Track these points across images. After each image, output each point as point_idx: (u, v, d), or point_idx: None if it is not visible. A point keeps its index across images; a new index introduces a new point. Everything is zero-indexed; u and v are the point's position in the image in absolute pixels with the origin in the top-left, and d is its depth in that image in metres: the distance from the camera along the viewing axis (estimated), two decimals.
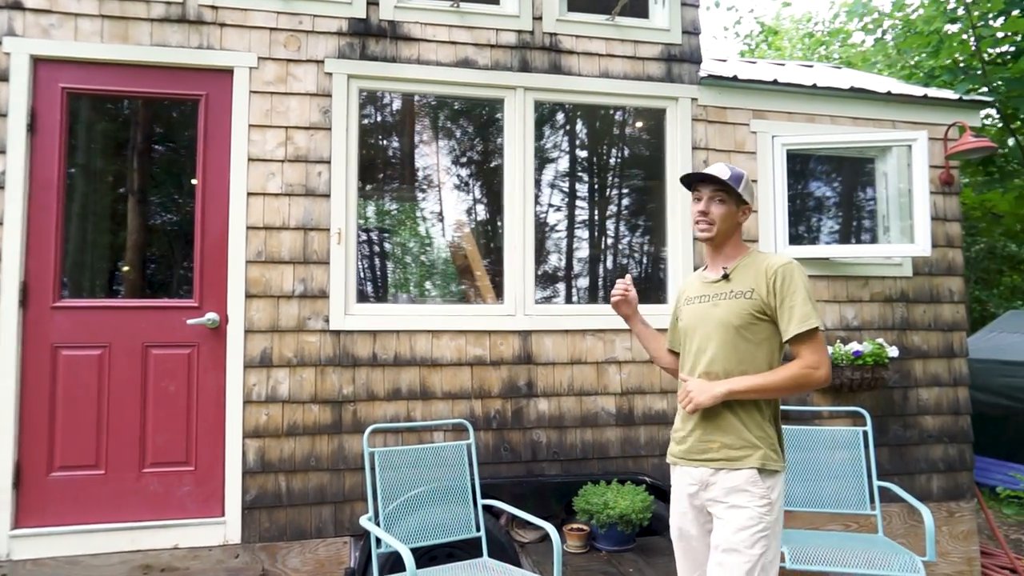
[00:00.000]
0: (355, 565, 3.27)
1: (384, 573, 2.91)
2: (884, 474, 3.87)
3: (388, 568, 2.96)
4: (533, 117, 3.83)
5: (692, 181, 2.15)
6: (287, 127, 3.49)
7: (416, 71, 3.66)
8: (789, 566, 2.91)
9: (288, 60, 3.51)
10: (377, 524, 2.88)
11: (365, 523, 2.84)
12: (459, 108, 3.98)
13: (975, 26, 5.76)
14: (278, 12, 3.51)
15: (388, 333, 3.53)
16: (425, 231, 3.97)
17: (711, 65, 4.38)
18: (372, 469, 2.99)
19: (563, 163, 4.11)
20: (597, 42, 3.92)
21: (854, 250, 4.17)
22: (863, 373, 3.82)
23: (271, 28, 3.50)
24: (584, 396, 3.74)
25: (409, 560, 2.44)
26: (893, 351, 3.91)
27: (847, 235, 4.60)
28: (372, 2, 3.64)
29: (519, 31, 3.82)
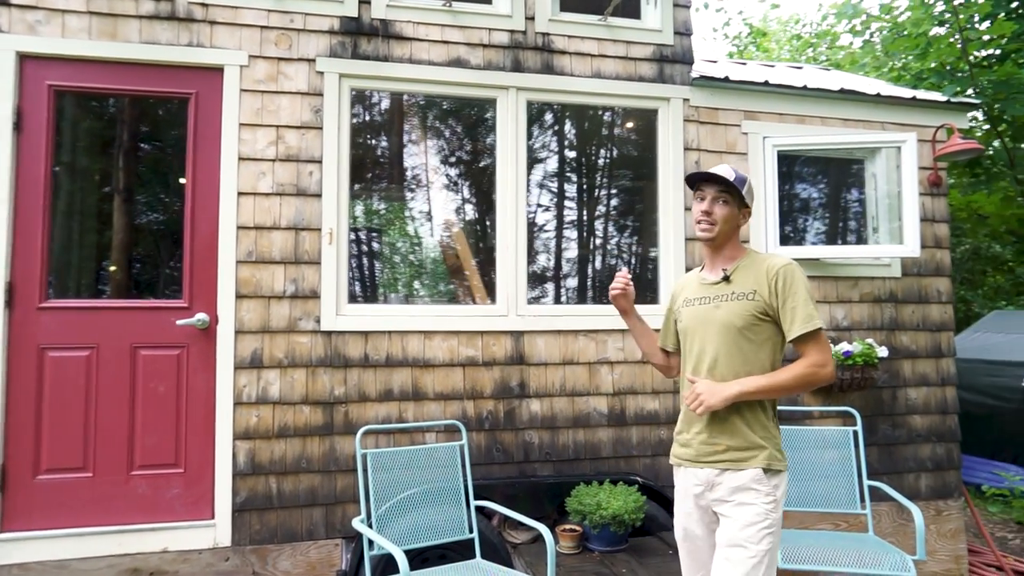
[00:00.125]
0: (346, 567, 3.26)
1: (376, 575, 2.90)
2: (873, 473, 3.89)
3: (380, 570, 2.94)
4: (526, 117, 3.82)
5: (696, 180, 2.15)
6: (278, 126, 3.46)
7: (408, 70, 3.64)
8: (781, 565, 2.91)
9: (279, 58, 3.48)
10: (369, 526, 2.86)
11: (358, 525, 2.83)
12: (451, 108, 3.97)
13: (962, 29, 5.82)
14: (269, 10, 3.48)
15: (380, 334, 3.51)
16: (416, 231, 3.95)
17: (702, 66, 4.40)
18: (364, 471, 2.97)
19: (555, 163, 4.11)
20: (589, 42, 3.92)
21: (844, 251, 4.20)
22: (853, 373, 3.85)
23: (262, 26, 3.47)
24: (576, 396, 3.73)
25: (403, 563, 2.42)
26: (883, 351, 3.94)
27: (837, 236, 4.64)
28: (364, 1, 3.61)
29: (511, 31, 3.81)
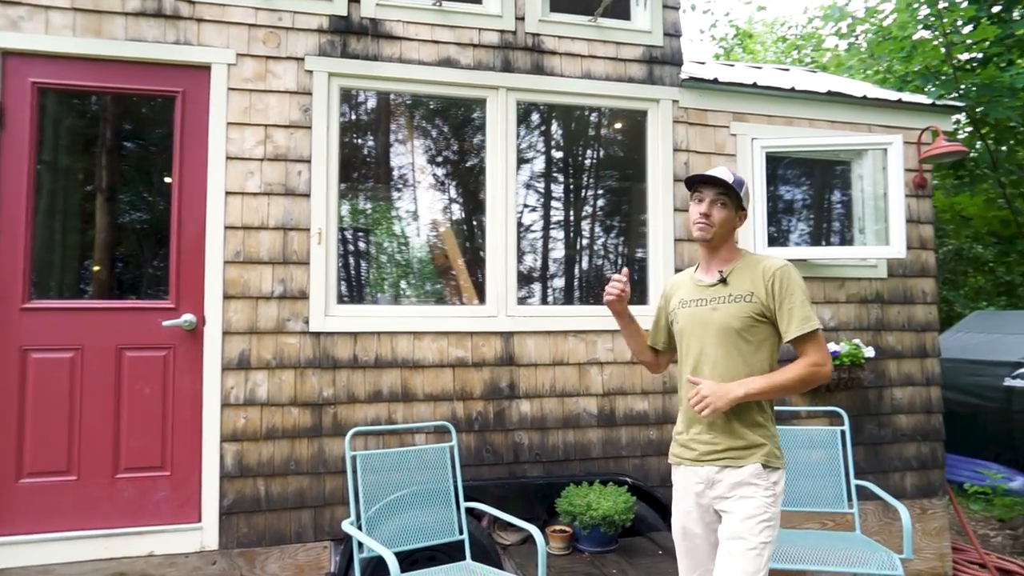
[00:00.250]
0: (335, 570, 3.23)
1: None
2: (860, 472, 3.92)
3: (370, 572, 2.93)
4: (516, 117, 3.82)
5: (695, 182, 2.16)
6: (266, 125, 3.43)
7: (398, 70, 3.63)
8: (770, 565, 2.93)
9: (267, 57, 3.45)
10: (359, 528, 2.84)
11: (347, 528, 2.81)
12: (440, 108, 3.95)
13: (946, 33, 5.89)
14: (257, 8, 3.45)
15: (369, 335, 3.49)
16: (406, 231, 3.93)
17: (691, 67, 4.41)
18: (354, 472, 2.95)
19: (545, 164, 4.10)
20: (579, 43, 3.92)
21: (831, 252, 4.23)
22: (840, 373, 3.88)
23: (250, 24, 3.44)
24: (566, 397, 3.74)
25: (394, 565, 2.41)
26: (869, 351, 3.98)
27: (824, 237, 4.67)
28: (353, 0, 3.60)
29: (502, 31, 3.80)
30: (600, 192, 4.34)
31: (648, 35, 4.03)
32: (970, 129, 6.70)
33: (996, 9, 6.58)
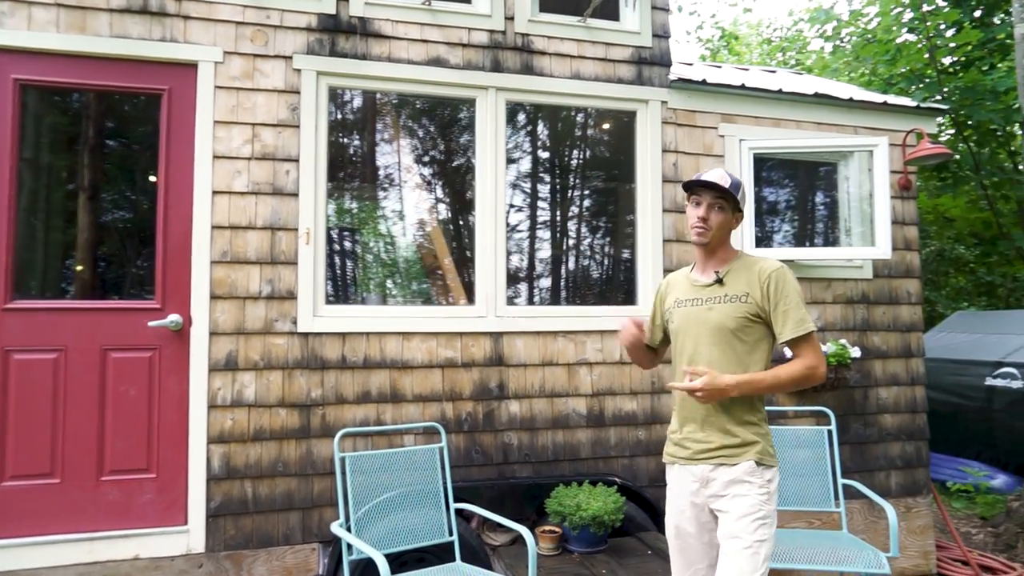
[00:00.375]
0: (324, 572, 3.21)
1: None
2: (846, 472, 3.95)
3: (359, 574, 2.91)
4: (505, 118, 3.81)
5: (693, 186, 2.17)
6: (254, 124, 3.40)
7: (387, 69, 3.61)
8: None
9: (255, 55, 3.42)
10: (348, 530, 2.82)
11: (336, 529, 2.79)
12: (429, 107, 3.94)
13: (930, 36, 5.97)
14: (244, 5, 3.42)
15: (358, 335, 3.47)
16: (395, 231, 3.92)
17: (680, 69, 4.43)
18: (343, 474, 2.93)
19: (534, 164, 4.10)
20: (569, 43, 3.92)
21: (818, 253, 4.27)
22: (827, 373, 3.90)
23: (237, 22, 3.40)
24: (555, 398, 3.73)
25: (384, 567, 2.40)
26: (855, 352, 4.01)
27: (810, 238, 4.71)
28: None
29: (491, 31, 3.79)
30: (588, 192, 4.34)
31: (637, 36, 4.04)
32: (953, 131, 6.78)
33: (978, 14, 6.68)
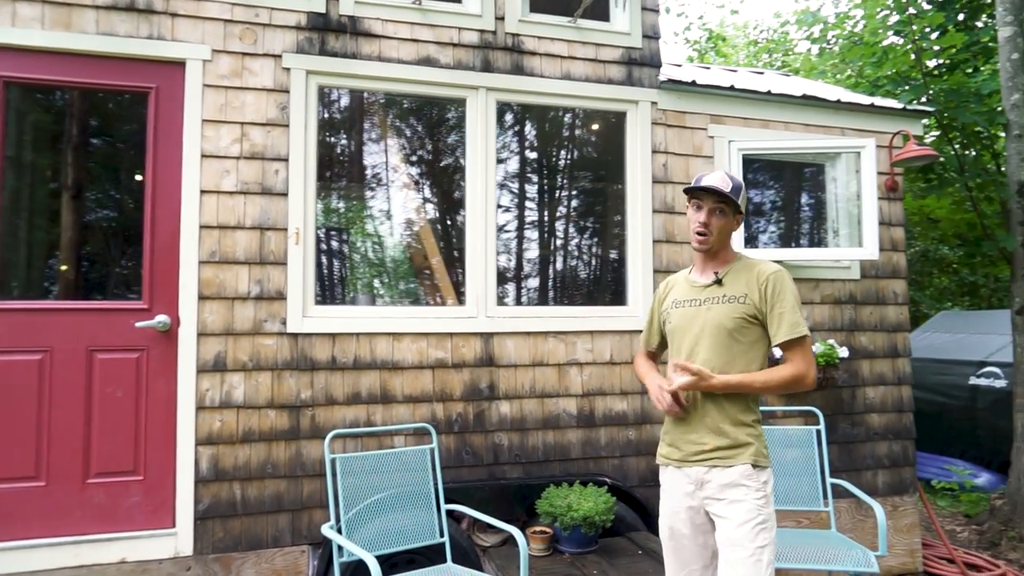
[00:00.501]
0: (313, 574, 3.19)
1: None
2: (833, 471, 3.97)
3: None
4: (495, 118, 3.80)
5: (695, 191, 2.16)
6: (243, 123, 3.37)
7: (377, 68, 3.59)
8: None
9: (244, 53, 3.39)
10: (339, 532, 2.81)
11: (327, 531, 2.77)
12: (419, 107, 3.93)
13: (915, 39, 6.02)
14: (233, 3, 3.39)
15: (348, 336, 3.45)
16: (384, 231, 3.90)
17: (670, 70, 4.45)
18: (333, 475, 2.91)
19: (524, 164, 4.10)
20: (559, 44, 3.92)
21: (806, 253, 4.29)
22: (816, 374, 3.92)
23: (226, 20, 3.37)
24: (546, 398, 3.73)
25: (375, 569, 2.39)
26: (843, 352, 4.04)
27: (798, 238, 4.74)
28: None
29: (481, 31, 3.78)
30: (578, 193, 4.35)
31: (627, 37, 4.05)
32: (938, 133, 6.85)
33: (962, 17, 6.75)
